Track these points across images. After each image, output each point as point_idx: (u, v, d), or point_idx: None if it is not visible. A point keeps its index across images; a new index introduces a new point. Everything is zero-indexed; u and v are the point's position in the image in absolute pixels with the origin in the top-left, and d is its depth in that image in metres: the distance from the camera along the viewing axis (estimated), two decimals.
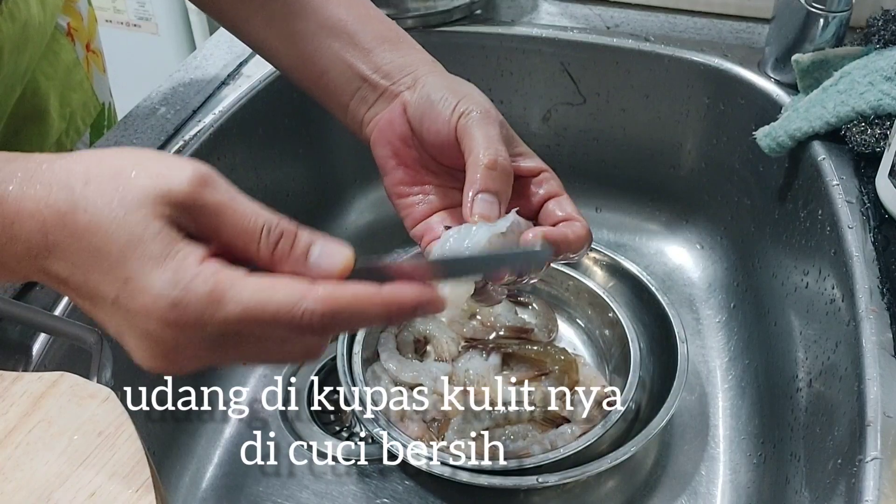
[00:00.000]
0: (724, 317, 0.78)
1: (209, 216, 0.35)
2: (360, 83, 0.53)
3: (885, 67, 0.61)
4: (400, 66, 0.52)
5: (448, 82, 0.51)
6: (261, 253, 0.36)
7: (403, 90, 0.52)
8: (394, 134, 0.52)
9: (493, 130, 0.47)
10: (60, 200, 0.34)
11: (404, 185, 0.52)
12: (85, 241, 0.34)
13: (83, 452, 0.36)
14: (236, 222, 0.35)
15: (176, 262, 0.34)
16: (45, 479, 0.35)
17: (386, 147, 0.52)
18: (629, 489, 0.66)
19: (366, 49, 0.53)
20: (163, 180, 0.34)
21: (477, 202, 0.45)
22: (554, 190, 0.50)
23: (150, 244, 0.34)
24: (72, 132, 0.77)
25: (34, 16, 0.67)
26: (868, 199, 0.58)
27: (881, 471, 0.43)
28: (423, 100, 0.50)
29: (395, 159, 0.52)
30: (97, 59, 0.81)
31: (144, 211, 0.34)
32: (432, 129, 0.49)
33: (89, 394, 0.39)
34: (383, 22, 0.55)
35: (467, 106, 0.48)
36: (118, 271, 0.34)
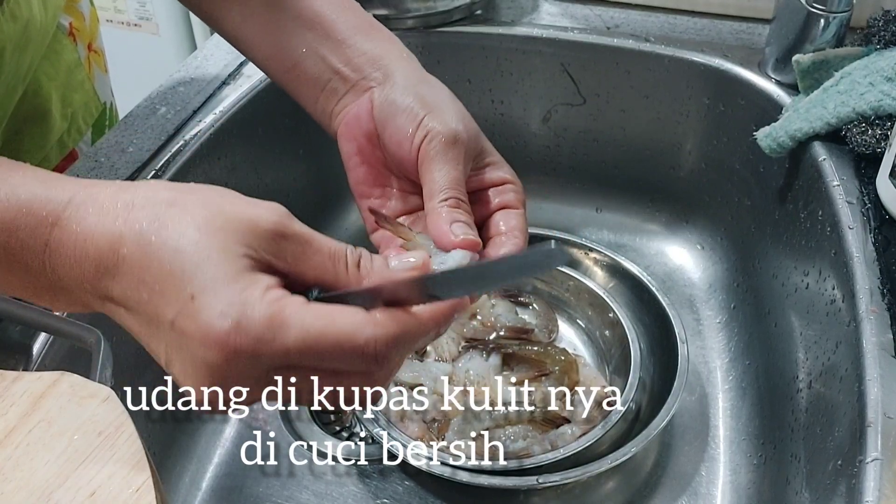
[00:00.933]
0: (725, 317, 0.78)
1: (296, 244, 0.36)
2: (330, 75, 0.52)
3: (885, 68, 0.61)
4: (372, 59, 0.51)
5: (417, 84, 0.50)
6: (349, 271, 0.36)
7: (373, 85, 0.51)
8: (360, 130, 0.51)
9: (456, 168, 0.46)
10: (141, 218, 0.34)
11: (366, 185, 0.52)
12: (156, 258, 0.34)
13: (83, 452, 0.36)
14: (322, 248, 0.36)
15: (241, 285, 0.33)
16: (45, 478, 0.35)
17: (351, 143, 0.51)
18: (629, 490, 0.66)
19: (339, 40, 0.52)
20: (251, 211, 0.35)
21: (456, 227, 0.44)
22: (509, 201, 0.49)
23: (221, 265, 0.33)
24: (73, 132, 0.78)
25: (36, 16, 0.67)
26: (868, 199, 0.58)
27: (881, 472, 0.42)
28: (389, 104, 0.49)
29: (359, 157, 0.51)
30: (99, 59, 0.81)
31: (229, 237, 0.34)
32: (394, 139, 0.48)
33: (89, 393, 0.39)
34: (359, 14, 0.54)
35: (433, 125, 0.46)
36: (184, 289, 0.33)
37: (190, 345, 0.33)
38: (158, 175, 0.65)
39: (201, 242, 0.34)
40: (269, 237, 0.35)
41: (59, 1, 0.72)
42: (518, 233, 0.48)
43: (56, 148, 0.76)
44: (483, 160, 0.49)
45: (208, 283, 0.33)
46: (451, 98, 0.50)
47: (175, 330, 0.34)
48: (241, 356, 0.33)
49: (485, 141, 0.50)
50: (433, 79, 0.51)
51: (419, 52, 0.82)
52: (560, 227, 0.82)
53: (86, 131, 0.79)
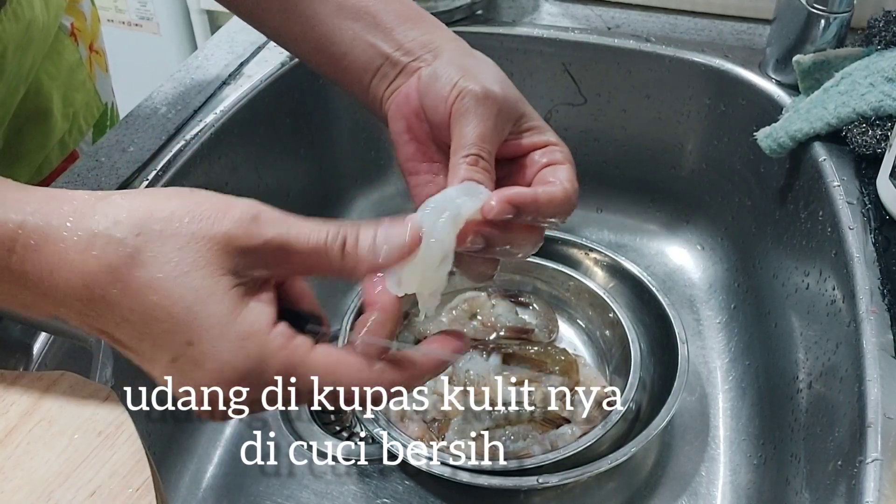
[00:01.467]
0: (725, 318, 0.78)
1: (273, 251, 0.34)
2: (381, 61, 0.52)
3: (886, 68, 0.61)
4: (423, 43, 0.51)
5: (462, 58, 0.49)
6: (333, 266, 0.36)
7: (423, 65, 0.50)
8: (409, 108, 0.50)
9: (485, 122, 0.45)
10: (109, 254, 0.33)
11: (415, 161, 0.51)
12: (140, 300, 0.33)
13: (83, 452, 0.36)
14: (301, 247, 0.35)
15: (245, 329, 0.33)
16: (45, 478, 0.35)
17: (401, 121, 0.51)
18: (629, 490, 0.66)
19: (388, 28, 0.52)
20: (219, 227, 0.33)
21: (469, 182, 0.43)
22: (556, 159, 0.48)
23: (216, 307, 0.33)
24: (75, 132, 0.78)
25: (38, 16, 0.67)
26: (869, 200, 0.58)
27: (881, 472, 0.42)
28: (431, 76, 0.48)
29: (408, 133, 0.51)
30: (100, 59, 0.81)
31: (208, 268, 0.33)
32: (432, 105, 0.48)
33: (89, 393, 0.39)
34: (403, 2, 0.54)
35: (466, 84, 0.45)
36: (179, 334, 0.33)
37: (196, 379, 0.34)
38: (160, 175, 0.65)
39: (184, 283, 0.32)
40: (246, 254, 0.34)
41: (60, 1, 0.72)
42: (567, 183, 0.45)
43: (57, 148, 0.76)
44: (524, 124, 0.48)
45: (203, 330, 0.33)
46: (494, 67, 0.49)
47: (177, 368, 0.34)
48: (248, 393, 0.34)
49: (527, 106, 0.49)
50: (480, 54, 0.51)
51: None
52: (560, 226, 0.81)
53: (87, 132, 0.79)
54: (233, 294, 0.33)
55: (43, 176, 0.75)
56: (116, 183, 0.64)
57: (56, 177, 0.71)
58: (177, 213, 0.34)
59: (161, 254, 0.33)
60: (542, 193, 0.43)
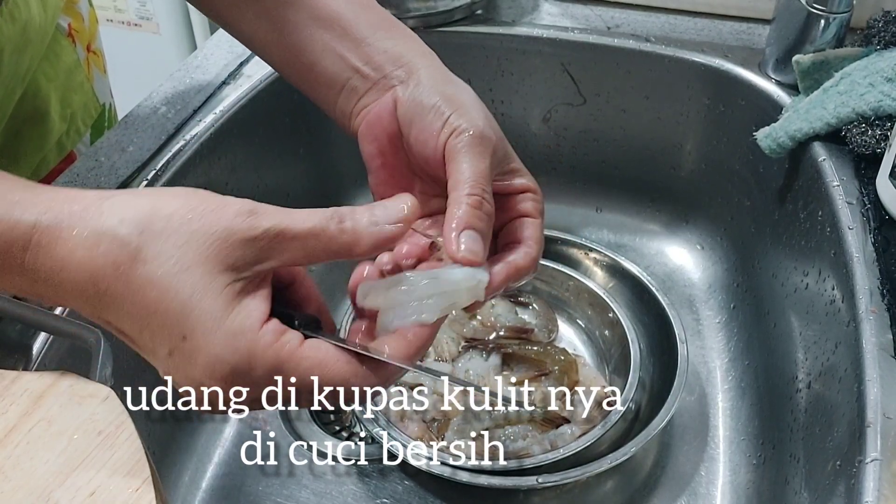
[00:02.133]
0: (724, 317, 0.78)
1: (272, 239, 0.36)
2: (350, 74, 0.51)
3: (885, 69, 0.61)
4: (393, 58, 0.50)
5: (442, 84, 0.49)
6: (333, 245, 0.37)
7: (396, 84, 0.49)
8: (382, 130, 0.50)
9: (483, 161, 0.45)
10: (114, 251, 0.34)
11: (387, 187, 0.50)
12: (140, 295, 0.34)
13: (83, 452, 0.36)
14: (298, 231, 0.36)
15: (235, 326, 0.34)
16: (44, 478, 0.35)
17: (373, 144, 0.50)
18: (629, 490, 0.66)
19: (358, 39, 0.51)
20: (218, 223, 0.35)
21: (464, 238, 0.42)
22: (527, 210, 0.48)
23: (211, 302, 0.34)
24: (72, 133, 0.77)
25: (35, 17, 0.67)
26: (868, 200, 0.58)
27: (881, 472, 0.43)
28: (415, 103, 0.47)
29: (381, 158, 0.50)
30: (98, 60, 0.81)
31: (207, 265, 0.34)
32: (420, 138, 0.47)
33: (89, 393, 0.39)
34: (377, 11, 0.53)
35: (459, 123, 0.45)
36: (175, 328, 0.34)
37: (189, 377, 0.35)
38: (159, 175, 0.65)
39: (183, 279, 0.34)
40: (247, 246, 0.35)
41: (58, 2, 0.72)
42: (532, 242, 0.47)
43: (55, 149, 0.75)
44: (507, 165, 0.48)
45: (197, 324, 0.34)
46: (477, 99, 0.49)
47: (173, 361, 0.35)
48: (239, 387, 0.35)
49: (508, 146, 0.49)
50: (457, 78, 0.50)
51: None
52: (560, 226, 0.82)
53: (85, 132, 0.79)
54: (228, 291, 0.35)
55: (40, 177, 0.75)
56: (116, 183, 0.64)
57: (54, 178, 0.71)
58: (178, 212, 0.35)
59: (162, 251, 0.34)
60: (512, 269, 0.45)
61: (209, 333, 0.34)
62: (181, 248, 0.34)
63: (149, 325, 0.35)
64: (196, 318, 0.34)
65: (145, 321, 0.35)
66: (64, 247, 0.34)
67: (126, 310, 0.35)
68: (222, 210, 0.35)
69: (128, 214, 0.35)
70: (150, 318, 0.34)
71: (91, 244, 0.34)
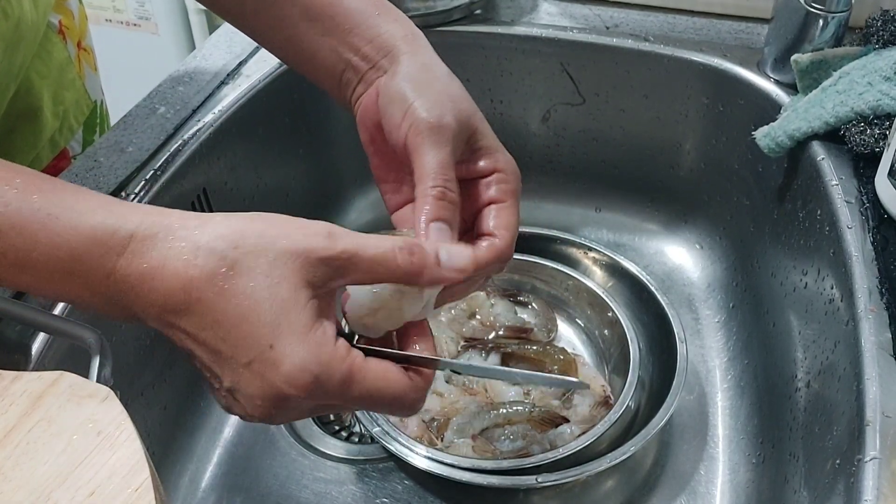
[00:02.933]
0: (724, 317, 0.78)
1: (347, 259, 0.39)
2: (344, 66, 0.53)
3: (883, 68, 0.61)
4: (378, 46, 0.51)
5: (416, 71, 0.50)
6: (399, 269, 0.40)
7: (380, 75, 0.51)
8: (370, 120, 0.52)
9: (441, 150, 0.46)
10: (210, 263, 0.37)
11: (381, 171, 0.53)
12: (233, 304, 0.37)
13: (83, 452, 0.36)
14: (370, 255, 0.39)
15: (318, 338, 0.38)
16: (44, 478, 0.35)
17: (366, 132, 0.52)
18: (628, 489, 0.66)
19: (346, 29, 0.52)
20: (301, 242, 0.38)
21: (432, 231, 0.44)
22: (496, 196, 0.49)
23: (298, 316, 0.37)
24: (65, 130, 0.77)
25: (27, 14, 0.67)
26: (867, 199, 0.58)
27: (880, 471, 0.43)
28: (387, 95, 0.49)
29: (373, 146, 0.53)
30: (88, 57, 0.81)
31: (293, 279, 0.38)
32: (389, 129, 0.49)
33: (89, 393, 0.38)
34: None
35: (416, 114, 0.46)
36: (263, 337, 0.37)
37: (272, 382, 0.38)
38: (158, 175, 0.65)
39: (273, 292, 0.37)
40: (324, 264, 0.38)
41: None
42: (503, 230, 0.47)
43: (48, 146, 0.75)
44: (476, 143, 0.49)
45: (285, 335, 0.37)
46: (447, 78, 0.50)
47: (251, 370, 0.38)
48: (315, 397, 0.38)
49: (479, 122, 0.49)
50: (434, 61, 0.51)
51: None
52: (559, 226, 0.82)
53: (77, 130, 0.79)
54: (311, 306, 0.38)
55: None
56: (115, 183, 0.64)
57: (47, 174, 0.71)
58: (267, 231, 0.38)
59: (255, 266, 0.37)
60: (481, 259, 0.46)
61: (297, 344, 0.37)
62: (271, 263, 0.37)
63: (236, 333, 0.37)
64: (285, 329, 0.37)
65: (233, 329, 0.37)
66: (158, 255, 0.37)
67: (213, 318, 0.37)
68: (304, 230, 0.39)
69: (222, 231, 0.38)
70: (239, 326, 0.37)
71: (188, 256, 0.37)
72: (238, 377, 0.38)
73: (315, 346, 0.38)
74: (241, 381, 0.38)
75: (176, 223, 0.38)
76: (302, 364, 0.37)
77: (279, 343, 0.37)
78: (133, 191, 0.63)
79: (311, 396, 0.38)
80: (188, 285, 0.37)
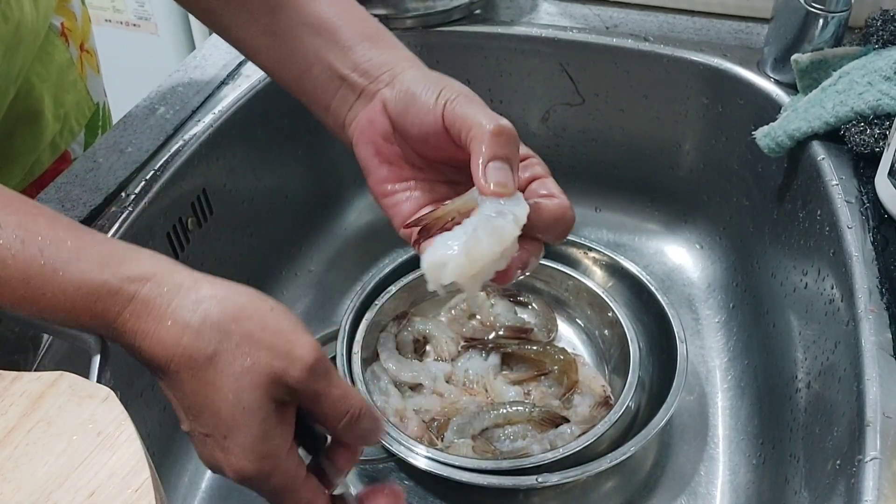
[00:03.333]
0: (724, 317, 0.78)
1: (310, 398, 0.41)
2: (339, 83, 0.52)
3: (883, 67, 0.61)
4: (379, 64, 0.51)
5: (428, 75, 0.50)
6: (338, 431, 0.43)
7: (382, 87, 0.51)
8: (375, 132, 0.51)
9: (485, 107, 0.46)
10: (192, 347, 0.39)
11: (388, 183, 0.51)
12: (203, 389, 0.40)
13: (83, 452, 0.36)
14: (328, 407, 0.42)
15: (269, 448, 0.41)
16: (44, 478, 0.35)
17: (368, 146, 0.51)
18: (628, 489, 0.66)
19: (346, 47, 0.52)
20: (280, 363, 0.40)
21: (490, 170, 0.43)
22: (539, 173, 0.49)
23: (257, 425, 0.40)
24: (66, 133, 0.77)
25: (27, 16, 0.67)
26: (867, 198, 0.58)
27: (880, 471, 0.43)
28: (404, 93, 0.49)
29: (378, 157, 0.51)
30: (91, 59, 0.81)
31: (258, 392, 0.40)
32: (416, 120, 0.48)
33: (89, 394, 0.38)
34: (365, 20, 0.54)
35: (450, 93, 0.47)
36: (221, 427, 0.40)
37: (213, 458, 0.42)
38: (157, 175, 0.65)
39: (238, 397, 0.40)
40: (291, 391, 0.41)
41: (50, 1, 0.71)
42: (560, 194, 0.48)
43: (48, 149, 0.75)
44: None
45: (240, 436, 0.40)
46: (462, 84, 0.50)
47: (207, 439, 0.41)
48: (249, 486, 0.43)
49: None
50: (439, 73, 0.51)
51: (418, 52, 0.82)
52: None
53: (78, 132, 0.79)
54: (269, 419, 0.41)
55: (35, 177, 0.74)
56: (115, 183, 0.64)
57: (49, 178, 0.70)
58: (255, 335, 0.40)
59: (231, 366, 0.40)
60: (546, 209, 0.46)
61: (247, 449, 0.40)
62: (246, 369, 0.40)
63: (200, 412, 0.40)
64: (241, 430, 0.40)
65: (198, 408, 0.40)
66: (154, 323, 0.39)
67: (185, 391, 0.40)
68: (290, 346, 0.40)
69: (214, 318, 0.40)
70: (203, 409, 0.40)
71: (176, 332, 0.39)
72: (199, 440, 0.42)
73: (263, 457, 0.41)
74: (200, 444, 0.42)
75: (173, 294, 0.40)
76: (246, 465, 0.41)
77: (232, 438, 0.40)
78: (133, 191, 0.63)
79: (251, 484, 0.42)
80: (170, 359, 0.39)
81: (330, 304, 0.82)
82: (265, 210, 0.79)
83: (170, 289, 0.40)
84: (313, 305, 0.82)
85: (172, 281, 0.40)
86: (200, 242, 0.70)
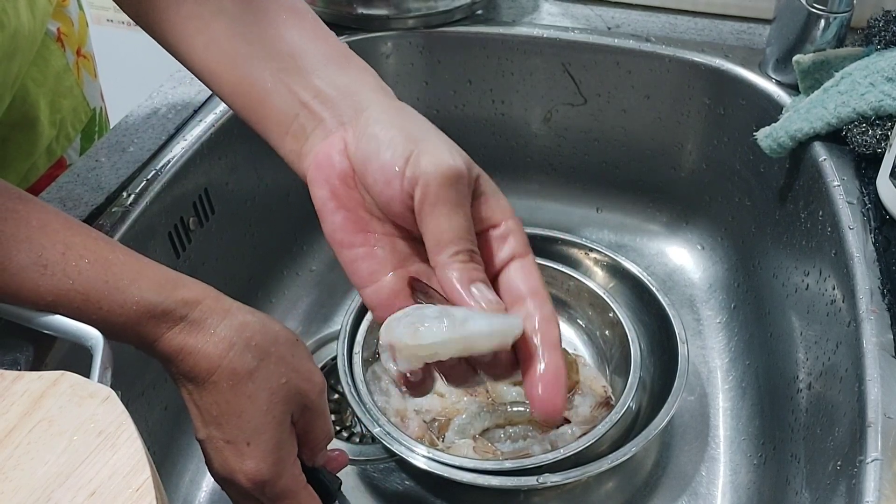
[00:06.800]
0: (725, 317, 0.78)
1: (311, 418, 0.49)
2: (298, 110, 0.48)
3: (885, 68, 0.61)
4: (343, 92, 0.47)
5: (396, 116, 0.45)
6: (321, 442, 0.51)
7: (345, 121, 0.47)
8: (332, 171, 0.46)
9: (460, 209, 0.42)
10: (236, 362, 0.45)
11: (345, 233, 0.46)
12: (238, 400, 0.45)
13: (83, 452, 0.36)
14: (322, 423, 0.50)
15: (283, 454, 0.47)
16: (44, 478, 0.35)
17: (324, 187, 0.46)
18: (629, 490, 0.66)
19: (308, 70, 0.48)
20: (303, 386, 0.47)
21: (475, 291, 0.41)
22: (516, 250, 0.44)
23: (278, 434, 0.46)
24: (62, 139, 0.76)
25: (24, 23, 0.66)
26: (869, 199, 0.58)
27: (882, 472, 0.42)
28: (369, 139, 0.44)
29: (335, 202, 0.46)
30: (88, 64, 0.80)
31: (285, 407, 0.46)
32: (379, 177, 0.43)
33: (90, 393, 0.38)
34: (332, 43, 0.50)
35: (424, 167, 0.41)
36: (246, 434, 0.46)
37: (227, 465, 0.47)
38: (159, 174, 0.65)
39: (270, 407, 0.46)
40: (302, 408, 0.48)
41: (47, 7, 0.70)
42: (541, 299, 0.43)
43: (44, 155, 0.74)
44: (479, 188, 0.44)
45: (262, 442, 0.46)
46: (436, 129, 0.45)
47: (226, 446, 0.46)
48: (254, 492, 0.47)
49: (475, 166, 0.44)
50: (412, 110, 0.47)
51: (419, 52, 0.82)
52: (560, 226, 0.82)
53: (75, 138, 0.78)
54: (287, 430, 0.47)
55: (30, 183, 0.74)
56: (116, 183, 0.64)
57: (44, 184, 0.70)
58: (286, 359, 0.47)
59: (269, 382, 0.46)
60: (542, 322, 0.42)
61: (266, 453, 0.46)
62: (282, 385, 0.46)
63: (228, 419, 0.45)
64: (264, 438, 0.46)
65: (227, 415, 0.45)
66: (202, 340, 0.44)
67: (216, 399, 0.45)
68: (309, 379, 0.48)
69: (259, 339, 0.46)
70: (232, 417, 0.45)
71: (222, 349, 0.44)
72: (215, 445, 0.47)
73: (277, 462, 0.46)
74: (214, 451, 0.47)
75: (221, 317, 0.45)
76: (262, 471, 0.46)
77: (255, 444, 0.46)
78: (134, 190, 0.63)
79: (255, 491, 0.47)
80: (213, 369, 0.44)
81: (331, 303, 0.82)
82: (267, 209, 0.79)
83: (218, 312, 0.45)
84: (314, 305, 0.82)
85: (220, 306, 0.45)
86: (202, 242, 0.70)
